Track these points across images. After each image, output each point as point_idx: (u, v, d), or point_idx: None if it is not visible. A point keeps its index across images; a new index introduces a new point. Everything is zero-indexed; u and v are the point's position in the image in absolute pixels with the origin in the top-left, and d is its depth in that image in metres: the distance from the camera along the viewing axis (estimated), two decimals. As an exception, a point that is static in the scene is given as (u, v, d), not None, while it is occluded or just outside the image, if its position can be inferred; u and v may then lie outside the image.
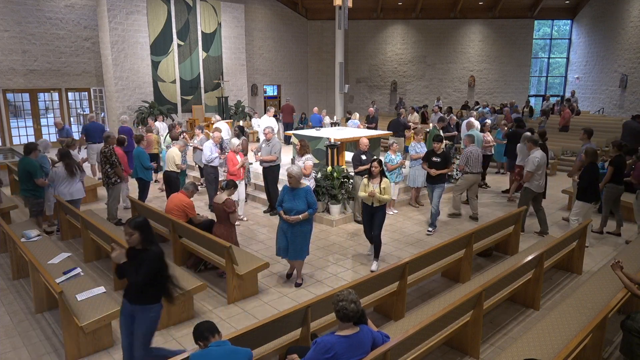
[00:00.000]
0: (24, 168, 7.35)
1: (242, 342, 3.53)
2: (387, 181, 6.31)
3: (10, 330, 5.02)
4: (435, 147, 7.94)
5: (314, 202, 5.80)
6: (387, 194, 6.25)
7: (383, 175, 6.36)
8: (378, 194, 6.21)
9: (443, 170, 7.78)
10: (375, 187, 6.24)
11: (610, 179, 7.51)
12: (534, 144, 7.71)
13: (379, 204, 6.27)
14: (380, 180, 6.28)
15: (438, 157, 7.85)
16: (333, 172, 8.64)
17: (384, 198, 6.24)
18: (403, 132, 12.33)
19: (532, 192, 7.61)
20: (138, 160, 8.64)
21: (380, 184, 6.25)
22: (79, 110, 18.09)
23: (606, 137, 14.63)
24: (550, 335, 3.99)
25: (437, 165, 7.81)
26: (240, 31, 19.01)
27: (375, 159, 6.53)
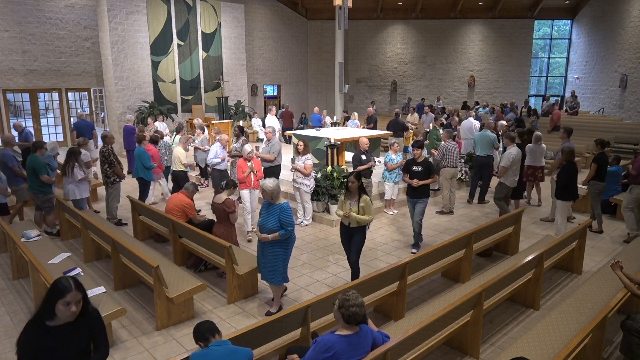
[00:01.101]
0: (30, 165, 7.41)
1: (242, 342, 3.53)
2: (367, 199, 5.46)
3: (10, 330, 5.01)
4: (415, 154, 7.04)
5: (288, 222, 4.98)
6: (367, 213, 5.42)
7: (362, 191, 5.51)
8: (355, 213, 5.41)
9: (426, 180, 6.89)
10: (353, 205, 5.47)
11: (594, 176, 7.75)
12: (511, 141, 8.08)
13: (358, 224, 5.52)
14: (359, 198, 5.46)
15: (419, 166, 6.93)
16: (333, 172, 8.65)
17: (363, 219, 5.40)
18: (402, 133, 12.34)
19: (507, 187, 7.94)
20: (139, 160, 8.64)
21: (359, 201, 5.44)
22: (79, 110, 18.09)
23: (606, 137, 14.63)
24: (550, 335, 3.99)
25: (418, 175, 6.89)
26: (240, 31, 19.01)
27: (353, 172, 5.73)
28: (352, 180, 5.46)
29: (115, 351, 4.63)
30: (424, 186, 6.91)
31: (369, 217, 5.47)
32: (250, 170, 7.54)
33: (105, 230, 6.12)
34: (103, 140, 8.42)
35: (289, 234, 5.05)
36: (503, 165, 7.82)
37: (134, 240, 6.58)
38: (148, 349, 4.66)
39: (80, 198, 7.69)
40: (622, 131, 15.63)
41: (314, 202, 8.55)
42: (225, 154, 8.72)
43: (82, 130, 12.13)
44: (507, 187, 7.90)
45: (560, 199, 7.23)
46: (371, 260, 6.85)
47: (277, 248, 5.06)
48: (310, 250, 7.24)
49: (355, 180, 5.45)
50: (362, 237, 5.61)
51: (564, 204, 7.22)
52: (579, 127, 16.03)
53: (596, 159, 7.76)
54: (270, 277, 5.17)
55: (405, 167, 7.18)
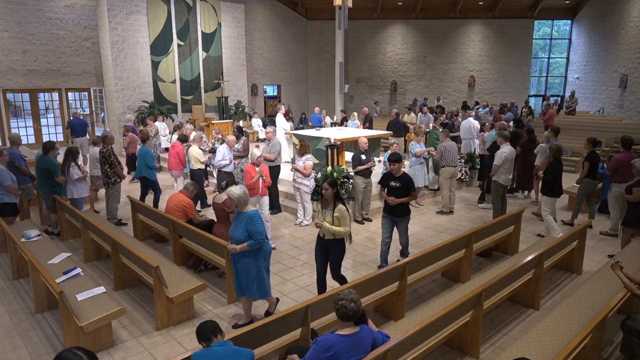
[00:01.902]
0: (43, 166, 7.44)
1: (242, 342, 3.54)
2: (343, 209, 4.98)
3: (10, 330, 5.02)
4: (393, 169, 6.17)
5: (257, 231, 4.63)
6: (342, 224, 4.94)
7: (338, 199, 5.04)
8: (329, 224, 4.95)
9: (404, 198, 6.06)
10: (327, 214, 5.03)
11: (587, 174, 7.91)
12: (504, 140, 8.16)
13: (333, 236, 5.01)
14: (334, 207, 5.01)
15: (397, 181, 6.10)
16: (333, 172, 8.65)
17: (336, 230, 4.92)
18: (402, 133, 12.35)
19: (501, 185, 7.99)
20: (142, 159, 8.68)
21: (333, 211, 4.99)
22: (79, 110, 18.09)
23: (606, 137, 14.65)
24: (550, 335, 3.99)
25: (396, 191, 6.07)
26: (240, 31, 19.01)
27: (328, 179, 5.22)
28: (326, 187, 4.99)
29: (115, 351, 4.64)
30: (402, 204, 6.14)
31: (344, 229, 4.94)
32: (259, 175, 7.10)
33: (105, 230, 6.12)
34: (103, 141, 8.41)
35: (259, 243, 4.67)
36: (496, 163, 7.92)
37: (134, 240, 6.58)
38: (148, 349, 4.66)
39: (78, 197, 7.70)
40: (622, 131, 15.59)
41: (313, 202, 8.55)
42: (232, 155, 8.73)
43: (76, 128, 12.60)
44: (502, 185, 7.99)
45: (546, 195, 7.40)
46: (371, 260, 6.85)
47: (248, 259, 4.74)
48: (310, 250, 7.23)
49: (330, 187, 4.99)
50: (338, 252, 5.10)
51: (549, 200, 7.40)
52: (579, 127, 16.05)
53: (588, 158, 7.94)
54: (242, 289, 4.85)
55: (382, 181, 6.40)
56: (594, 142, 8.08)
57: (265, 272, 4.87)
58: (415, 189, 6.25)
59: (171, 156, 9.22)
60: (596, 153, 8.01)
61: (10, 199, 7.27)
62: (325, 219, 5.01)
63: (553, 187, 7.35)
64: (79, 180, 7.64)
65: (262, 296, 4.88)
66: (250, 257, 4.76)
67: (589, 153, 7.99)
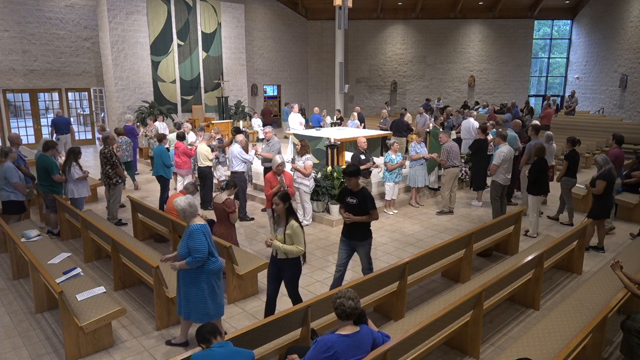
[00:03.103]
0: (42, 165, 7.46)
1: (242, 342, 3.54)
2: (295, 225, 4.51)
3: (10, 330, 5.02)
4: (350, 183, 5.22)
5: (195, 248, 4.22)
6: (296, 242, 4.50)
7: (291, 215, 4.58)
8: (281, 242, 4.53)
9: (361, 217, 5.16)
10: (279, 232, 4.59)
11: (565, 173, 8.02)
12: (503, 139, 8.20)
13: (286, 255, 4.59)
14: (286, 223, 4.55)
15: (354, 197, 5.20)
16: (333, 172, 8.65)
17: (289, 250, 4.49)
18: (404, 133, 12.36)
19: (500, 185, 8.02)
20: (159, 158, 8.76)
21: (285, 228, 4.54)
22: (79, 110, 18.09)
23: (606, 137, 14.63)
24: (550, 335, 3.99)
25: (353, 209, 5.19)
26: (240, 31, 19.01)
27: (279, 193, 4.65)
28: (277, 202, 4.50)
29: (115, 351, 4.64)
30: (361, 225, 5.23)
31: (297, 248, 4.50)
32: (279, 186, 6.43)
33: (105, 230, 6.12)
34: (104, 142, 8.40)
35: (196, 262, 4.23)
36: (494, 163, 7.95)
37: (134, 240, 6.58)
38: (148, 349, 4.66)
39: (78, 197, 7.69)
40: (622, 131, 15.51)
41: (313, 202, 8.55)
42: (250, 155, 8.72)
43: (60, 126, 12.92)
44: (501, 185, 8.02)
45: (531, 193, 7.51)
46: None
47: (188, 279, 4.35)
48: (310, 250, 7.23)
49: (281, 202, 4.50)
50: (293, 272, 4.67)
51: (534, 198, 7.50)
52: (578, 127, 16.05)
53: (567, 157, 8.06)
54: (184, 312, 4.45)
55: (339, 197, 5.58)
56: (573, 142, 8.23)
57: (210, 295, 4.41)
58: (374, 207, 5.18)
59: (177, 156, 9.24)
60: (575, 152, 8.14)
61: (17, 196, 7.33)
62: (277, 237, 4.57)
63: (537, 186, 7.44)
64: (79, 180, 7.64)
65: (199, 320, 4.39)
66: (191, 277, 4.34)
67: (569, 152, 8.12)
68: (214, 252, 4.47)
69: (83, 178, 7.72)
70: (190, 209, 4.41)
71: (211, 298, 4.43)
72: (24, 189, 7.48)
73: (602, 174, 6.75)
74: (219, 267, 4.50)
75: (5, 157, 7.35)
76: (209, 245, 4.36)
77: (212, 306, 4.44)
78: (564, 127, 15.95)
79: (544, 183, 7.52)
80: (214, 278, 4.46)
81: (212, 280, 4.44)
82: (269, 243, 4.58)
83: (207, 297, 4.39)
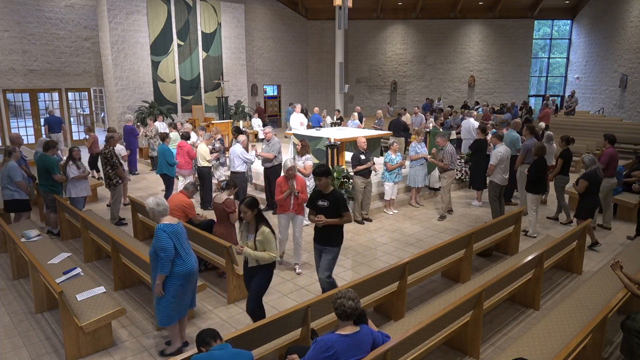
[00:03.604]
0: (42, 165, 7.48)
1: (242, 342, 3.53)
2: (266, 231, 4.40)
3: (10, 330, 5.02)
4: (320, 184, 5.07)
5: (160, 247, 4.15)
6: (267, 248, 4.40)
7: (261, 221, 4.45)
8: (252, 249, 4.43)
9: (334, 219, 4.98)
10: (249, 238, 4.47)
11: (559, 171, 8.09)
12: (499, 140, 8.29)
13: (257, 262, 4.48)
14: (256, 230, 4.44)
15: (325, 199, 5.04)
16: (333, 172, 8.64)
17: (260, 256, 4.39)
18: (402, 133, 12.35)
19: (498, 185, 8.08)
20: (162, 157, 8.82)
21: (256, 234, 4.43)
22: (79, 110, 18.09)
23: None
24: (550, 335, 3.99)
25: (325, 212, 5.00)
26: (240, 31, 19.01)
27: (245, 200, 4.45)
28: (244, 210, 4.38)
29: (115, 351, 4.64)
30: (333, 229, 5.03)
31: (269, 255, 4.39)
32: (289, 192, 6.09)
33: (105, 230, 6.12)
34: (107, 142, 8.36)
35: (164, 262, 4.14)
36: (492, 163, 8.01)
37: (134, 240, 6.57)
38: (148, 349, 4.66)
39: (76, 197, 7.68)
40: (622, 131, 15.61)
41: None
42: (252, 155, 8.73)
43: (53, 124, 13.27)
44: (498, 185, 8.08)
45: (530, 192, 7.57)
46: (371, 260, 6.85)
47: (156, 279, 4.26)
48: (310, 250, 7.21)
49: (248, 210, 4.38)
50: (261, 280, 4.51)
51: (533, 197, 7.56)
52: (578, 127, 16.05)
53: (561, 155, 8.11)
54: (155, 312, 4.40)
55: (309, 201, 5.29)
56: (567, 140, 8.31)
57: (175, 298, 4.28)
58: (347, 210, 5.04)
59: (180, 156, 9.23)
60: (569, 150, 8.20)
61: (21, 195, 7.35)
62: (247, 244, 4.46)
63: (536, 185, 7.50)
64: (77, 180, 7.62)
65: (161, 324, 4.32)
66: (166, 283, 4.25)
67: (562, 151, 8.18)
68: (182, 253, 4.29)
69: (82, 177, 7.71)
70: (157, 208, 4.35)
71: (176, 302, 4.31)
72: (28, 188, 7.50)
73: (586, 173, 6.88)
74: (187, 270, 4.31)
75: (9, 156, 7.37)
76: (174, 245, 4.22)
77: (176, 308, 4.34)
78: (564, 127, 15.94)
79: (543, 182, 7.58)
80: (183, 281, 4.30)
81: (180, 283, 4.28)
82: (239, 250, 4.46)
83: (171, 301, 4.27)
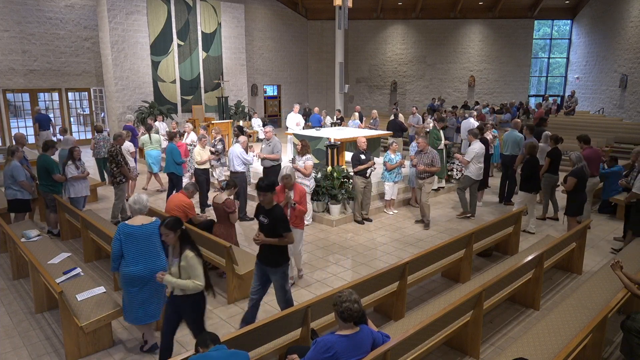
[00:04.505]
0: (42, 165, 7.49)
1: (242, 342, 3.54)
2: (190, 255, 3.83)
3: (10, 330, 5.02)
4: (264, 200, 4.52)
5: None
6: (192, 276, 3.82)
7: (186, 244, 3.89)
8: (175, 276, 3.87)
9: (272, 239, 4.50)
10: (174, 263, 3.91)
11: (547, 169, 8.14)
12: (474, 137, 8.63)
13: (182, 292, 3.91)
14: (180, 253, 3.88)
15: (266, 215, 4.54)
16: (333, 172, 8.65)
17: (184, 285, 3.82)
18: (399, 133, 12.36)
19: (472, 179, 8.51)
20: (170, 156, 8.89)
21: (180, 258, 3.87)
22: (79, 110, 18.09)
23: (606, 137, 14.65)
24: (550, 335, 3.99)
25: (265, 230, 4.54)
26: (240, 31, 19.01)
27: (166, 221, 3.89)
28: (165, 232, 3.84)
29: (115, 351, 4.64)
30: (275, 248, 4.54)
31: (194, 283, 3.81)
32: (285, 202, 5.46)
33: (105, 230, 6.12)
34: (114, 139, 8.60)
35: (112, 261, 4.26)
36: (465, 158, 8.47)
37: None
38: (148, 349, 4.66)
39: (75, 197, 7.69)
40: (622, 131, 15.63)
41: (314, 202, 8.55)
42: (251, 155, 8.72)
43: (43, 122, 13.94)
44: (472, 179, 8.47)
45: (524, 191, 7.71)
46: (371, 260, 6.85)
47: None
48: (310, 250, 7.24)
49: (170, 232, 3.83)
50: (191, 310, 3.98)
51: (527, 195, 7.68)
52: (578, 127, 16.03)
53: (550, 154, 8.17)
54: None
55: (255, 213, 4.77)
56: (556, 140, 8.39)
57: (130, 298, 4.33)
58: (287, 230, 4.52)
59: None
60: (558, 149, 8.26)
61: (24, 195, 7.37)
62: (170, 270, 3.93)
63: (529, 183, 7.61)
64: (76, 179, 7.63)
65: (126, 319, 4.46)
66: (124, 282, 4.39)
67: (551, 150, 8.20)
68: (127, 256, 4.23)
69: (82, 177, 7.72)
70: (134, 205, 4.40)
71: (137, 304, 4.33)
72: (31, 188, 7.52)
73: (573, 171, 6.98)
74: (128, 273, 4.25)
75: (12, 156, 7.37)
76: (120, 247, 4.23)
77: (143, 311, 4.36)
78: (564, 127, 15.94)
79: (536, 180, 7.68)
80: (127, 283, 4.29)
81: (125, 284, 4.30)
82: (161, 278, 3.92)
83: (129, 299, 4.33)
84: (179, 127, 12.61)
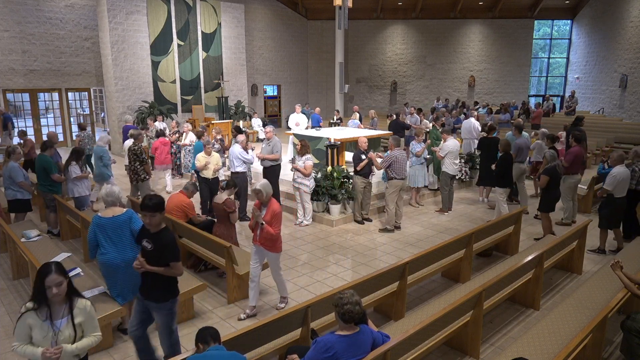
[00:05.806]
0: (41, 165, 7.52)
1: (242, 342, 3.54)
2: (88, 304, 3.18)
3: (11, 330, 5.01)
4: (151, 222, 3.81)
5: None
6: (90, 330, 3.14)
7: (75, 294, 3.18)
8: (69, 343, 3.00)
9: (157, 268, 3.78)
10: (62, 326, 3.04)
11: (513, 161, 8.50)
12: (447, 134, 9.09)
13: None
14: (71, 309, 3.09)
15: (151, 241, 3.86)
16: (333, 172, 8.65)
17: (86, 346, 3.07)
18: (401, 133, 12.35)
19: (449, 174, 8.99)
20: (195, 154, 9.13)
21: (72, 316, 3.08)
22: (79, 110, 18.09)
23: (606, 137, 14.65)
24: (550, 335, 3.99)
25: (149, 256, 3.83)
26: (240, 31, 19.01)
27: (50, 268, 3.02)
28: (48, 285, 2.95)
29: (115, 351, 4.64)
30: (160, 279, 3.84)
31: (94, 338, 3.13)
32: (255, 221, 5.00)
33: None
34: (135, 138, 8.89)
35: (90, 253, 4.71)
36: (441, 154, 8.89)
37: (134, 240, 6.58)
38: (148, 349, 4.65)
39: (78, 196, 7.73)
40: (622, 131, 15.64)
41: (313, 202, 8.55)
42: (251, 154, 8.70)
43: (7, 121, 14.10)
44: (449, 175, 8.96)
45: (499, 186, 8.12)
46: (371, 260, 6.85)
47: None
48: (310, 250, 7.24)
49: (52, 285, 2.96)
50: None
51: (502, 190, 8.09)
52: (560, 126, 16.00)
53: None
54: None
55: (138, 236, 4.17)
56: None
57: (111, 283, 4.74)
58: (176, 260, 3.84)
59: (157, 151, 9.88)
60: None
61: (23, 195, 7.40)
62: (61, 337, 2.99)
63: (503, 179, 8.04)
64: (79, 179, 7.70)
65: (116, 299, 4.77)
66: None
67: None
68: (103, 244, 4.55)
69: (84, 177, 7.76)
70: (107, 198, 4.64)
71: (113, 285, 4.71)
72: (30, 188, 7.55)
73: (546, 169, 7.13)
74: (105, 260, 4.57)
75: (9, 157, 7.39)
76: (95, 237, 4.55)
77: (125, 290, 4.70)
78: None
79: (509, 177, 8.12)
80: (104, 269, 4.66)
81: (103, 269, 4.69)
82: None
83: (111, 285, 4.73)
84: (179, 127, 12.61)
